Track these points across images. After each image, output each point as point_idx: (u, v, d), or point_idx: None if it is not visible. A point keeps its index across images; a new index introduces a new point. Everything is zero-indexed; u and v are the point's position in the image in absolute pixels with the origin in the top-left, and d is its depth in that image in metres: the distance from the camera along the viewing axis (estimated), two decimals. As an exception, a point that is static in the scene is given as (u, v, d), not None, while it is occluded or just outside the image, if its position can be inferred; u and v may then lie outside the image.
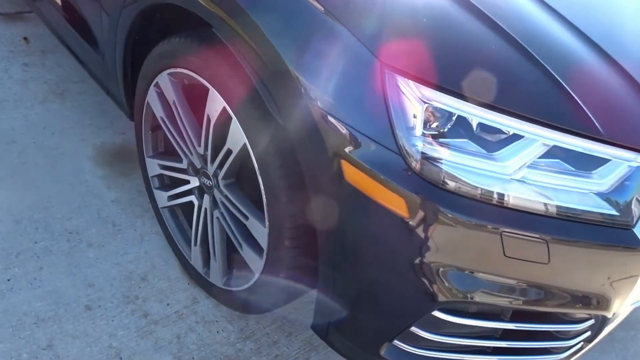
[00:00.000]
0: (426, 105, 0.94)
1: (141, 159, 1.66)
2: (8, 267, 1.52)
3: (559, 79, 0.96)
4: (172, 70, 1.34)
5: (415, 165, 0.94)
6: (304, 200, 1.13)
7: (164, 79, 1.38)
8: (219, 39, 1.15)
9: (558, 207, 0.97)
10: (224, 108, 1.21)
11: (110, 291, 1.53)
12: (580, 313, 1.10)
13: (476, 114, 0.94)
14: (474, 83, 0.94)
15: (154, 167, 1.60)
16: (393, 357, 1.13)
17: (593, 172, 1.01)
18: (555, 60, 0.99)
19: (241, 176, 1.34)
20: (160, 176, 1.61)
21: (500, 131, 0.97)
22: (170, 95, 1.39)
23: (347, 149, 0.98)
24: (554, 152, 0.98)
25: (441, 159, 0.95)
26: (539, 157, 0.97)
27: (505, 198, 0.95)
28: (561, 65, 0.99)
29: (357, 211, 1.00)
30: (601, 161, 1.00)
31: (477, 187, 0.95)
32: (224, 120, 1.24)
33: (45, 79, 2.24)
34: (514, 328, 1.08)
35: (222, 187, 1.35)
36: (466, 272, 0.99)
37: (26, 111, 2.06)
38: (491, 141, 0.98)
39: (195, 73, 1.25)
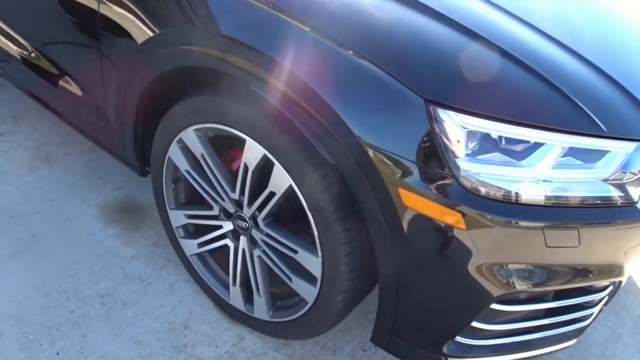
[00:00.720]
0: (466, 129, 1.09)
1: (162, 212, 1.70)
2: (53, 342, 1.52)
3: (566, 92, 1.15)
4: (199, 126, 1.42)
5: (465, 182, 1.09)
6: (358, 226, 1.25)
7: (189, 135, 1.46)
8: (259, 95, 1.25)
9: (579, 197, 1.16)
10: (264, 155, 1.31)
11: (159, 345, 1.57)
12: (604, 282, 1.30)
13: (505, 131, 1.10)
14: (500, 104, 1.11)
15: (179, 218, 1.65)
16: (455, 352, 1.28)
17: (597, 162, 1.20)
18: (561, 76, 1.17)
19: (277, 212, 1.44)
20: (184, 226, 1.67)
21: (523, 141, 1.14)
22: (198, 149, 1.46)
23: (403, 177, 1.11)
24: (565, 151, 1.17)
25: (484, 173, 1.11)
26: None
27: (540, 197, 1.13)
28: (566, 80, 1.17)
29: (418, 230, 1.14)
30: (602, 153, 1.20)
31: (516, 192, 1.12)
32: (262, 165, 1.34)
33: (26, 146, 2.21)
34: (555, 306, 1.26)
35: (262, 227, 1.44)
36: (516, 265, 1.16)
37: (17, 182, 2.03)
38: (516, 151, 1.15)
39: (231, 127, 1.33)
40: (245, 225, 1.49)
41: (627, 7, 1.74)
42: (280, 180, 1.31)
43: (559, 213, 1.14)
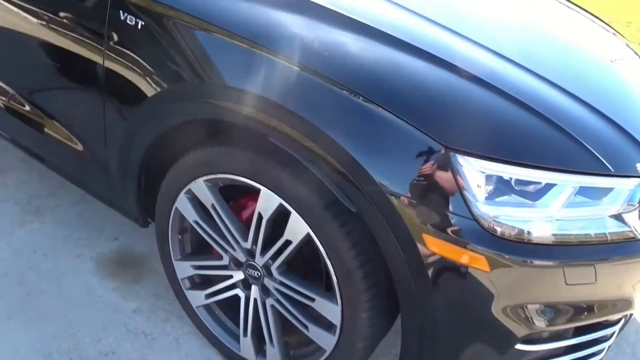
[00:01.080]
0: (484, 174, 1.12)
1: (167, 264, 1.67)
2: (58, 407, 1.46)
3: (573, 134, 1.20)
4: (211, 177, 1.41)
5: (486, 225, 1.12)
6: (379, 271, 1.26)
7: (199, 186, 1.45)
8: (277, 146, 1.26)
9: (592, 234, 1.20)
10: (280, 204, 1.31)
11: (170, 402, 1.52)
12: (618, 315, 1.33)
13: (522, 174, 1.14)
14: (515, 148, 1.16)
15: (185, 269, 1.62)
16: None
17: (603, 199, 1.25)
18: (567, 119, 1.23)
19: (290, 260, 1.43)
20: (191, 277, 1.64)
21: (535, 182, 1.18)
22: (208, 199, 1.45)
23: (426, 223, 1.13)
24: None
25: (502, 215, 1.14)
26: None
27: (557, 236, 1.16)
28: (572, 123, 1.23)
29: (442, 274, 1.15)
30: (607, 190, 1.25)
31: (535, 232, 1.15)
32: (277, 214, 1.34)
33: (15, 199, 2.14)
34: (575, 343, 1.28)
35: (275, 275, 1.42)
36: (538, 305, 1.18)
37: (8, 238, 1.96)
38: (529, 192, 1.18)
39: (245, 178, 1.33)
40: (257, 274, 1.47)
41: (607, 50, 1.86)
42: (297, 228, 1.30)
43: (575, 251, 1.17)
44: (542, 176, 1.16)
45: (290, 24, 1.28)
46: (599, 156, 1.21)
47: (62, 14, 1.55)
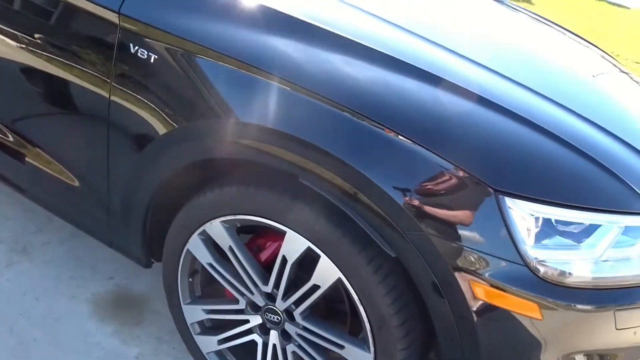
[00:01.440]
0: (534, 217, 1.07)
1: (174, 307, 1.56)
2: None
3: (617, 173, 1.17)
4: (228, 218, 1.32)
5: (538, 270, 1.07)
6: (416, 317, 1.19)
7: (215, 227, 1.35)
8: (306, 186, 1.18)
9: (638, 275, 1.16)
10: (308, 247, 1.23)
11: None
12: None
13: (569, 216, 1.10)
14: (562, 190, 1.11)
15: (195, 313, 1.52)
16: None
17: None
18: (608, 157, 1.20)
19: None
20: (201, 321, 1.54)
21: (579, 223, 1.14)
22: (225, 241, 1.36)
23: (474, 269, 1.07)
24: None
25: (551, 259, 1.09)
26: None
27: (607, 279, 1.12)
28: (613, 161, 1.20)
29: (491, 323, 1.09)
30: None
31: (584, 275, 1.10)
32: (303, 257, 1.26)
33: (0, 237, 2.00)
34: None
35: (299, 320, 1.34)
36: (589, 352, 1.13)
37: (-6, 280, 1.82)
38: (574, 233, 1.14)
39: (269, 220, 1.25)
40: (278, 318, 1.38)
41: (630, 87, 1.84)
42: (327, 273, 1.23)
43: (625, 293, 1.13)
44: (588, 217, 1.12)
45: (319, 57, 1.21)
46: (640, 194, 1.18)
47: (64, 44, 1.44)
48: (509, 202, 1.06)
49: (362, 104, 1.12)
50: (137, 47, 1.32)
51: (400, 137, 1.10)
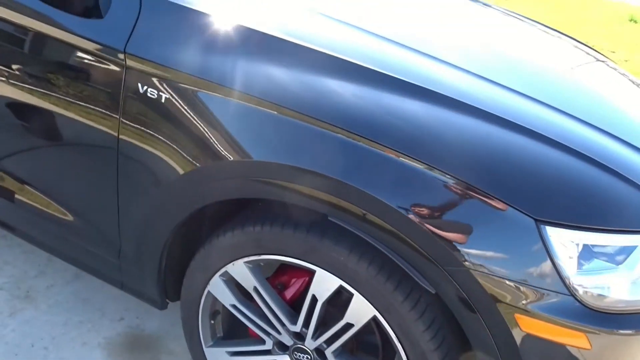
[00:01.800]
0: (576, 244, 1.05)
1: (196, 351, 1.50)
2: None
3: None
4: (253, 258, 1.27)
5: (583, 298, 1.04)
6: (456, 351, 1.16)
7: (238, 267, 1.30)
8: (340, 226, 1.14)
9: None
10: (340, 286, 1.19)
11: None
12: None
13: (610, 241, 1.08)
14: (602, 215, 1.09)
15: (219, 355, 1.46)
16: None
17: None
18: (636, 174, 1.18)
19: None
20: (225, 363, 1.48)
21: (614, 246, 1.12)
22: (249, 282, 1.31)
23: (518, 302, 1.04)
24: None
25: (594, 285, 1.06)
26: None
27: (653, 302, 1.10)
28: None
29: (538, 356, 1.06)
30: None
31: (624, 299, 1.08)
32: (334, 295, 1.22)
33: (0, 284, 1.91)
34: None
35: (330, 359, 1.30)
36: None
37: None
38: (611, 255, 1.12)
39: (297, 259, 1.21)
40: (307, 357, 1.34)
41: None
42: (361, 311, 1.19)
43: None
44: (626, 240, 1.09)
45: (345, 91, 1.17)
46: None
47: (69, 84, 1.37)
48: (550, 231, 1.03)
49: (396, 140, 1.08)
50: (145, 87, 1.26)
51: (435, 171, 1.07)
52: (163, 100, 1.25)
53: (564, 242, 1.04)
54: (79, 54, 1.33)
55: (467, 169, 1.06)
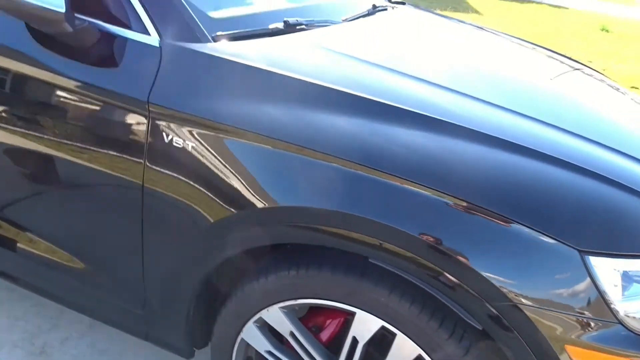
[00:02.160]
0: (617, 271, 1.06)
1: (228, 400, 1.47)
2: None
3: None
4: (289, 303, 1.25)
5: (631, 325, 1.05)
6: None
7: (273, 313, 1.28)
8: (380, 267, 1.13)
9: None
10: (382, 327, 1.18)
11: None
12: None
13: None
14: (631, 241, 1.10)
15: (254, 403, 1.43)
16: None
17: None
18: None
19: None
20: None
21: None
22: (285, 327, 1.29)
23: (568, 333, 1.04)
24: None
25: (637, 310, 1.07)
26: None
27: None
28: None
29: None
30: None
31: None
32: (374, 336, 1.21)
33: (13, 341, 1.84)
34: None
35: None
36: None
37: (17, 393, 1.68)
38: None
39: (334, 301, 1.19)
40: (346, 399, 1.32)
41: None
42: (405, 351, 1.17)
43: None
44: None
45: (383, 132, 1.17)
46: None
47: (94, 138, 1.36)
48: (594, 261, 1.04)
49: (437, 180, 1.09)
50: (170, 137, 1.25)
51: (474, 209, 1.07)
52: (189, 149, 1.24)
53: (608, 270, 1.05)
54: (102, 106, 1.32)
55: (509, 207, 1.06)
